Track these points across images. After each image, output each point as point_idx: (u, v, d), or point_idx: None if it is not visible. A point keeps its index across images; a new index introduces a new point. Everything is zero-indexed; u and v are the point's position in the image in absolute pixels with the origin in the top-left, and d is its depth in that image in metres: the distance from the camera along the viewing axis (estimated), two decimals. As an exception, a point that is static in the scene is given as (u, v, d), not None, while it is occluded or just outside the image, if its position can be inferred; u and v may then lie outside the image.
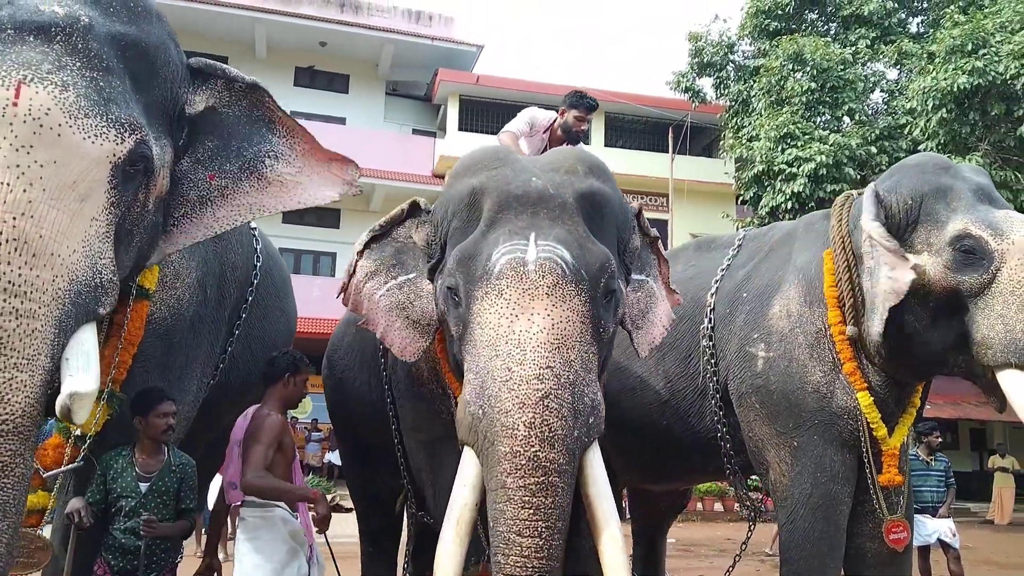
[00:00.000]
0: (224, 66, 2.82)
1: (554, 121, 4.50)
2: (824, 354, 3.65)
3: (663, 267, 3.16)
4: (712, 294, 4.12)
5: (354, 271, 2.96)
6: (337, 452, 15.22)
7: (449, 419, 3.05)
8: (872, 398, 3.57)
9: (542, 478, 2.11)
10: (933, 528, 6.88)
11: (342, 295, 2.99)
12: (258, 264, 3.90)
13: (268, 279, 4.07)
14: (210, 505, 8.77)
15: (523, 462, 2.12)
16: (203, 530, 9.16)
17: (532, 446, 2.12)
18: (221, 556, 8.46)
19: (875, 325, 3.36)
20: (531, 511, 2.11)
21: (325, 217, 18.75)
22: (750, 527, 4.47)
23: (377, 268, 2.94)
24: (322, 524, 3.38)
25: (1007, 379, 3.21)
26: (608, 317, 2.48)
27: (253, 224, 3.94)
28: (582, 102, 4.39)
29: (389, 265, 2.93)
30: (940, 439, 7.16)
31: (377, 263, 2.95)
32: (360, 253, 2.96)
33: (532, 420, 2.13)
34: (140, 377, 3.04)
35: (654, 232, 3.11)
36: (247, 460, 3.31)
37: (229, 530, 6.21)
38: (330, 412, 4.82)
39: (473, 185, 2.63)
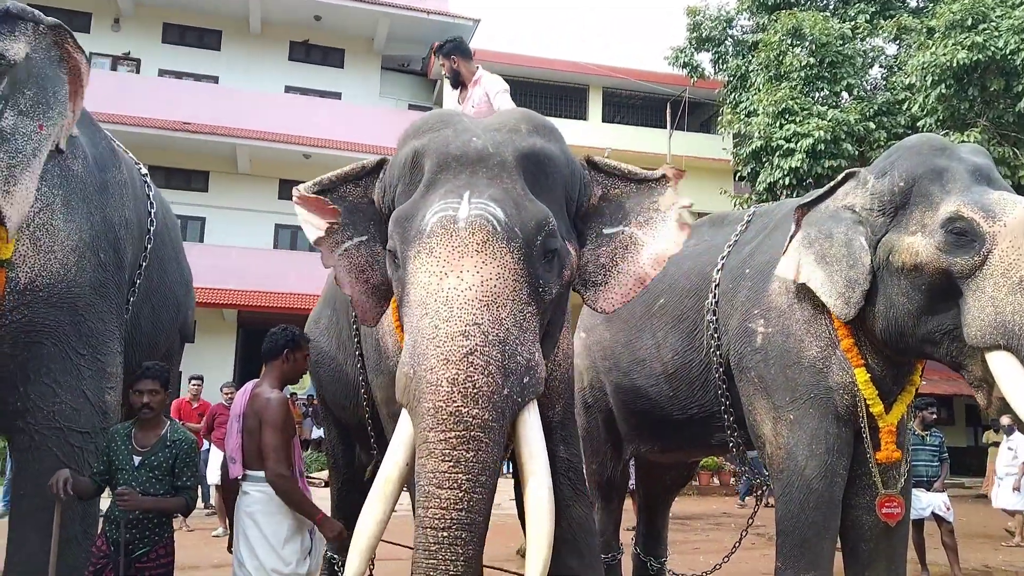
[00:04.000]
0: (32, 9, 2.73)
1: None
2: (821, 330, 3.68)
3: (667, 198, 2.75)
4: (717, 270, 4.15)
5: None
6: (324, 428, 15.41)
7: None
8: (869, 375, 3.60)
9: (463, 432, 2.07)
10: (927, 502, 6.96)
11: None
12: (152, 211, 3.82)
13: (163, 229, 3.99)
14: (209, 478, 8.85)
15: (444, 417, 2.07)
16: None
17: (454, 402, 2.08)
18: (220, 530, 8.45)
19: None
20: (451, 464, 2.05)
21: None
22: (757, 502, 4.54)
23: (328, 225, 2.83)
24: (335, 540, 3.43)
25: (996, 361, 3.22)
26: (549, 278, 2.40)
27: (144, 170, 3.91)
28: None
29: (342, 224, 2.82)
30: (936, 415, 7.23)
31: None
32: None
33: (456, 376, 2.09)
34: (55, 349, 3.04)
35: (647, 173, 2.78)
36: (268, 449, 3.34)
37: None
38: (315, 390, 4.87)
39: (415, 147, 2.57)
